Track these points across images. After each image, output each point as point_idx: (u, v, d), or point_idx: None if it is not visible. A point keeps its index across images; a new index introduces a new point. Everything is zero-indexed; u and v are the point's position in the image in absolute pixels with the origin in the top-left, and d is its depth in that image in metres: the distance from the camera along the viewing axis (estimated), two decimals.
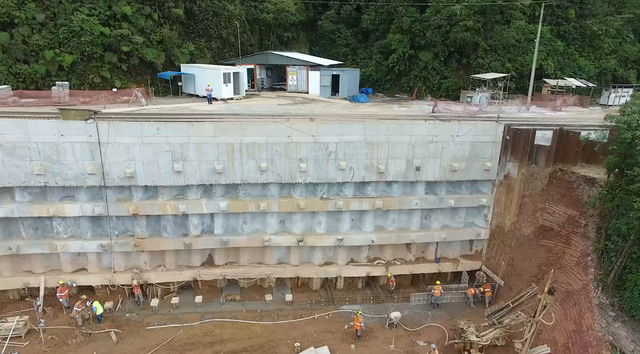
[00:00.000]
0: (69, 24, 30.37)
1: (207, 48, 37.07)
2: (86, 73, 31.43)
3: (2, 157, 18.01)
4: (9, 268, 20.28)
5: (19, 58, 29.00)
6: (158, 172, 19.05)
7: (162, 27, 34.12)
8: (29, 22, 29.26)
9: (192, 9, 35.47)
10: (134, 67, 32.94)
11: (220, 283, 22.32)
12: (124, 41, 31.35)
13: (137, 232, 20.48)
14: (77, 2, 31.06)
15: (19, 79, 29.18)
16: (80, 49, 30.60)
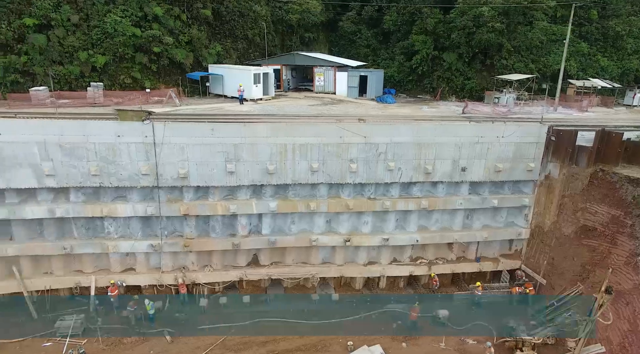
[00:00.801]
0: (102, 26, 30.46)
1: (233, 48, 37.21)
2: (117, 74, 31.51)
3: (61, 158, 18.14)
4: (61, 267, 20.41)
5: (54, 59, 29.07)
6: (211, 173, 19.22)
7: (191, 28, 34.24)
8: (64, 23, 29.34)
9: (219, 9, 35.60)
10: (163, 68, 33.04)
11: (264, 282, 22.50)
12: (155, 42, 31.44)
13: (186, 232, 20.64)
14: (109, 4, 31.13)
15: (54, 80, 29.22)
16: (112, 50, 30.69)
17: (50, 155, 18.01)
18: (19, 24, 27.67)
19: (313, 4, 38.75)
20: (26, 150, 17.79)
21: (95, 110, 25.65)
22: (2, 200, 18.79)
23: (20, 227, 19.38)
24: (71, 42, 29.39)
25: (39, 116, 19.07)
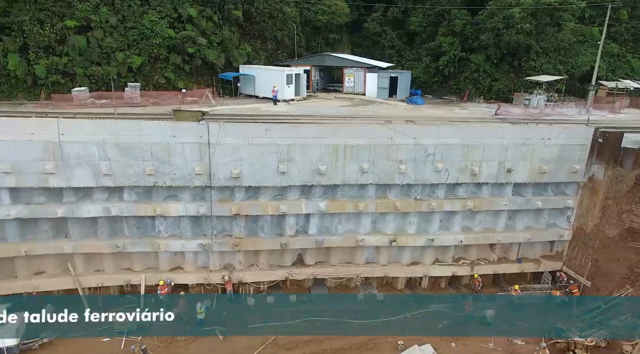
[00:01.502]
0: (138, 27, 30.81)
1: (262, 49, 37.48)
2: (152, 74, 31.86)
3: (118, 158, 18.39)
4: (112, 265, 20.68)
5: (93, 60, 29.43)
6: (263, 173, 19.42)
7: (222, 29, 34.53)
8: (102, 25, 29.69)
9: (250, 10, 35.88)
10: (195, 68, 33.34)
11: (308, 282, 22.68)
12: (189, 43, 31.75)
13: (234, 232, 20.85)
14: (145, 6, 31.46)
15: (91, 81, 29.59)
16: (148, 51, 31.03)
17: (108, 154, 18.27)
18: (60, 26, 28.04)
19: (341, 6, 38.93)
20: (86, 150, 18.06)
21: (135, 110, 26.01)
22: (60, 198, 19.07)
23: (75, 225, 19.66)
24: (109, 43, 29.75)
25: (100, 116, 19.39)
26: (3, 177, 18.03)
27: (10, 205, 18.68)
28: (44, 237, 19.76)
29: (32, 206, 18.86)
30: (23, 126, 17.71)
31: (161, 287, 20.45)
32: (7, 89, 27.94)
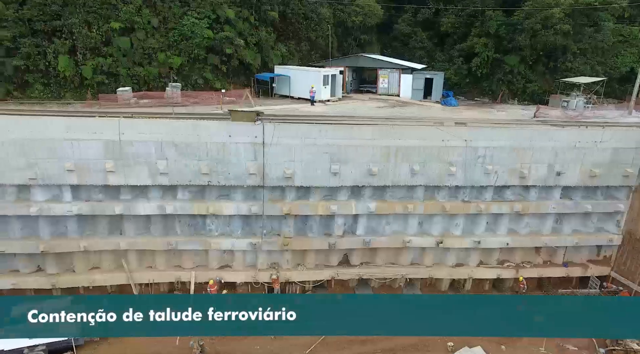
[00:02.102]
0: (178, 28, 31.32)
1: (296, 50, 37.74)
2: (190, 74, 32.35)
3: (175, 157, 18.78)
4: (163, 262, 21.12)
5: (136, 61, 30.01)
6: (315, 173, 19.61)
7: (258, 30, 34.88)
8: (145, 26, 30.25)
9: (285, 11, 36.16)
10: (232, 69, 33.74)
11: (352, 282, 22.81)
12: (227, 43, 32.13)
13: (284, 231, 21.09)
14: (184, 7, 31.96)
15: (134, 81, 30.18)
16: (187, 52, 31.53)
17: (165, 153, 18.67)
18: (106, 28, 28.67)
19: (375, 7, 38.99)
20: (144, 149, 18.49)
21: (178, 110, 26.35)
22: (117, 196, 19.55)
23: (130, 222, 20.13)
24: (151, 44, 30.30)
25: (158, 116, 19.82)
26: (66, 175, 18.55)
27: (71, 201, 19.21)
28: (100, 233, 20.28)
29: (91, 203, 19.37)
30: (87, 125, 18.22)
31: (211, 285, 20.79)
32: (56, 89, 28.71)
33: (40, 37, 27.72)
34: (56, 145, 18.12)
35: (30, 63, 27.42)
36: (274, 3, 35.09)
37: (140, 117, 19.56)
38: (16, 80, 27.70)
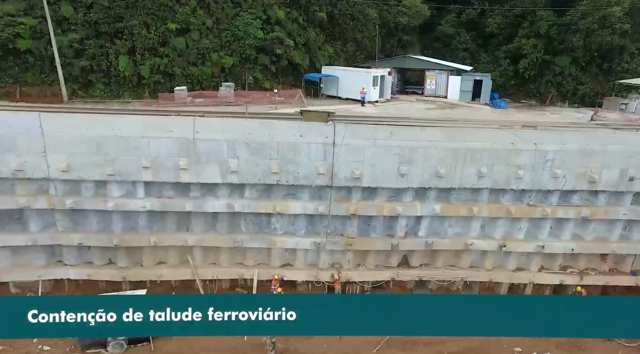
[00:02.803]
0: (231, 29, 31.89)
1: (342, 51, 37.89)
2: (241, 74, 32.89)
3: (246, 156, 19.11)
4: (227, 260, 21.50)
5: (190, 61, 30.70)
6: (383, 174, 19.64)
7: (306, 30, 35.17)
8: (199, 27, 30.91)
9: (333, 12, 36.35)
10: (281, 69, 34.13)
11: (410, 283, 22.74)
12: (277, 44, 32.53)
13: (346, 231, 21.18)
14: (237, 8, 32.51)
15: (187, 80, 30.88)
16: (239, 52, 32.08)
17: (237, 152, 19.00)
18: (163, 29, 29.42)
19: (421, 7, 38.79)
20: (217, 148, 18.86)
21: (232, 109, 26.88)
22: (187, 193, 20.02)
23: (198, 219, 20.58)
24: (205, 44, 30.94)
25: (232, 115, 20.28)
26: (142, 171, 19.10)
27: (144, 198, 19.77)
28: (169, 229, 20.79)
29: (162, 199, 19.88)
30: (163, 124, 18.73)
31: (274, 282, 21.05)
32: (115, 88, 29.66)
33: (103, 38, 28.73)
34: (133, 142, 18.67)
35: (94, 64, 28.42)
36: (322, 4, 35.38)
37: (214, 116, 19.99)
38: (81, 80, 28.72)
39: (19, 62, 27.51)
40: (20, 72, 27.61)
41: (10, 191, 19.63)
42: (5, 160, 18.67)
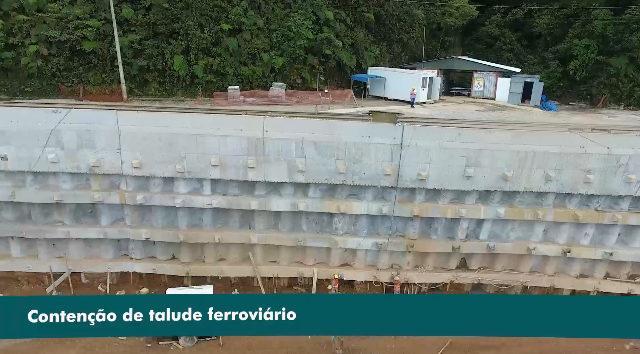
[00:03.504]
0: (281, 29, 32.21)
1: (388, 51, 37.77)
2: (289, 74, 33.17)
3: (314, 155, 19.31)
4: (287, 258, 21.78)
5: (242, 61, 31.17)
6: (448, 176, 19.53)
7: (353, 31, 35.21)
8: (250, 28, 31.34)
9: (380, 13, 36.28)
10: (329, 69, 34.26)
11: (466, 286, 22.52)
12: (326, 44, 32.66)
13: (407, 233, 21.15)
14: (286, 9, 32.82)
15: (238, 80, 31.35)
16: (289, 52, 32.34)
17: (305, 152, 19.22)
18: (216, 29, 29.95)
19: (469, 8, 38.32)
20: (286, 147, 19.14)
21: (285, 109, 27.11)
22: (252, 191, 20.38)
23: (260, 218, 20.93)
24: (256, 44, 31.31)
25: (301, 116, 20.59)
26: (210, 169, 19.55)
27: (210, 195, 20.22)
28: (232, 226, 21.20)
29: (228, 197, 20.31)
30: (233, 122, 19.12)
31: (334, 282, 21.21)
32: (169, 87, 30.38)
33: (160, 39, 29.44)
34: (204, 140, 19.13)
35: (151, 64, 29.17)
36: (370, 5, 35.32)
37: (283, 115, 20.28)
38: (138, 79, 29.55)
39: (82, 62, 28.50)
40: (84, 72, 28.60)
41: (85, 186, 20.42)
42: (84, 156, 19.45)
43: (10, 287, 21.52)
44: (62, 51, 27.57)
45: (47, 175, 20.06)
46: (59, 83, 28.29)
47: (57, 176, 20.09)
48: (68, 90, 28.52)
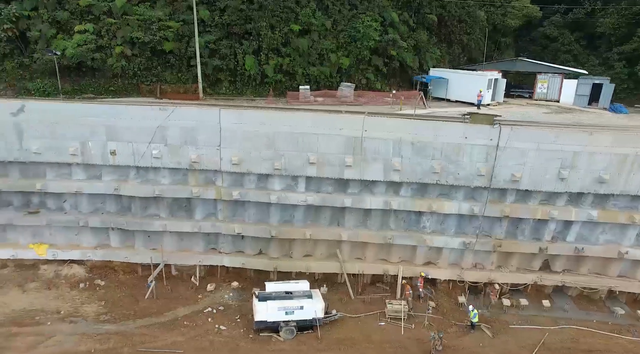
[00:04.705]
0: (348, 30, 32.61)
1: (448, 53, 37.80)
2: (355, 74, 33.55)
3: (410, 155, 19.65)
4: (372, 255, 22.21)
5: (310, 61, 31.70)
6: (542, 178, 19.60)
7: (415, 32, 35.36)
8: (318, 29, 31.83)
9: (442, 14, 36.33)
10: (392, 70, 34.50)
11: (548, 288, 22.50)
12: (391, 46, 32.91)
13: (494, 233, 21.28)
14: (353, 10, 33.20)
15: (306, 80, 31.89)
16: (355, 53, 32.71)
17: (402, 151, 19.57)
18: (286, 30, 30.55)
19: (533, 9, 38.00)
20: (383, 146, 19.53)
21: (354, 108, 27.37)
22: (344, 189, 20.85)
23: (350, 215, 21.39)
24: (325, 45, 31.77)
25: (400, 116, 21.09)
26: (307, 167, 20.10)
27: (304, 192, 20.78)
28: (322, 223, 21.71)
29: (322, 194, 20.81)
30: (333, 122, 19.61)
31: (420, 280, 21.53)
32: (239, 86, 31.16)
33: (233, 39, 30.23)
34: (303, 139, 19.67)
35: (224, 63, 29.98)
36: (433, 6, 35.41)
37: (382, 115, 20.70)
38: (211, 78, 30.42)
39: (160, 62, 29.51)
40: (161, 71, 29.61)
41: (182, 181, 21.24)
42: (185, 152, 20.25)
43: (109, 275, 22.52)
44: (144, 51, 28.61)
45: (148, 170, 20.95)
46: (139, 83, 29.35)
47: (157, 171, 20.96)
48: (146, 88, 29.57)
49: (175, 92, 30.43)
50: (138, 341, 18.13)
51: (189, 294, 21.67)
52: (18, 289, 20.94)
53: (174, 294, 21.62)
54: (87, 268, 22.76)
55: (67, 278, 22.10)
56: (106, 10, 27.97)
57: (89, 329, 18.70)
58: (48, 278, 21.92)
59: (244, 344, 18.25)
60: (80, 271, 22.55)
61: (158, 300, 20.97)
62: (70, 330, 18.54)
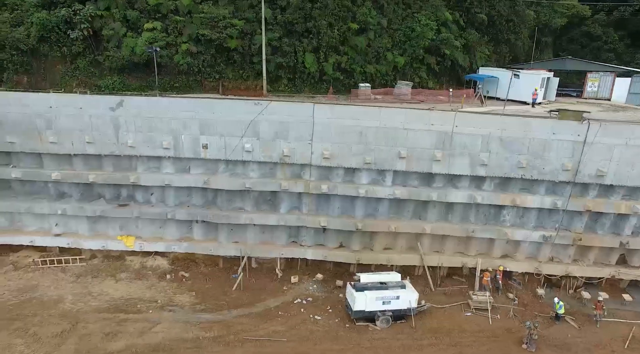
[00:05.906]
0: (403, 29, 33.12)
1: (495, 52, 38.29)
2: (408, 73, 34.05)
3: (497, 150, 20.17)
4: (451, 248, 22.73)
5: (367, 59, 32.21)
6: (629, 173, 20.10)
7: (465, 32, 35.86)
8: (375, 27, 32.33)
9: (490, 13, 36.82)
10: (444, 69, 34.99)
11: (623, 283, 22.99)
12: (444, 45, 33.40)
13: (573, 227, 21.79)
14: (407, 9, 33.71)
15: (363, 78, 32.40)
16: (409, 52, 33.21)
17: (490, 146, 20.09)
18: (344, 28, 31.06)
19: (583, 8, 38.46)
20: (472, 142, 20.05)
21: (412, 106, 27.70)
22: (430, 183, 21.39)
23: (434, 209, 21.98)
24: (382, 44, 32.28)
25: (488, 112, 21.60)
26: (396, 161, 20.62)
27: (391, 186, 21.29)
28: (405, 216, 22.23)
29: (409, 188, 21.32)
30: (424, 117, 20.13)
31: (499, 272, 22.04)
32: (298, 83, 31.69)
33: (294, 37, 30.73)
34: (395, 133, 20.18)
35: (285, 61, 30.49)
36: (483, 6, 35.90)
37: (472, 111, 21.19)
38: (271, 76, 30.95)
39: (223, 59, 30.02)
40: (224, 68, 30.12)
41: (269, 174, 21.75)
42: (277, 146, 20.78)
43: (191, 267, 23.04)
44: (209, 49, 29.12)
45: (236, 163, 21.48)
46: (203, 79, 29.87)
47: (246, 165, 21.49)
48: (210, 85, 30.10)
49: (237, 88, 30.98)
50: (239, 329, 18.63)
51: (274, 285, 22.17)
52: (111, 278, 21.47)
53: (258, 285, 22.12)
54: (170, 260, 23.27)
55: (152, 269, 22.63)
56: (173, 8, 28.49)
57: (189, 318, 19.20)
58: (135, 269, 22.45)
59: (344, 334, 18.75)
60: (163, 263, 23.07)
61: (246, 291, 21.46)
62: (172, 318, 19.05)
